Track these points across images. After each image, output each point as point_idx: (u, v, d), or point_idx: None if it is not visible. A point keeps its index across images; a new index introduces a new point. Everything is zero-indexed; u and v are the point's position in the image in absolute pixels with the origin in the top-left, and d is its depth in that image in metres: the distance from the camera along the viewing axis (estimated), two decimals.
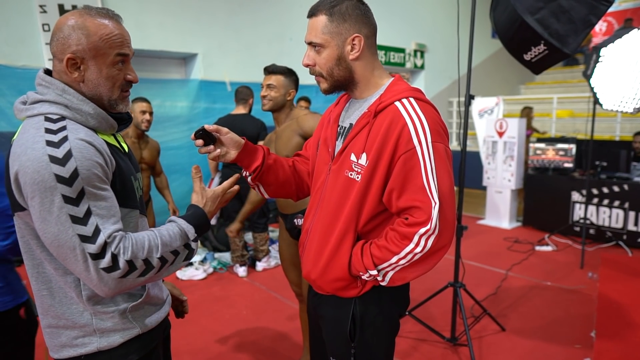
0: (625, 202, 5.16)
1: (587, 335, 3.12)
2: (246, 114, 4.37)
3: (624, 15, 11.03)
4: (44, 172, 0.98)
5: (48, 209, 0.99)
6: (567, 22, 2.34)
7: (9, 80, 4.76)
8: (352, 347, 1.34)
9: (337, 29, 1.27)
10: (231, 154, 1.38)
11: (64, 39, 1.08)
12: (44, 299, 1.13)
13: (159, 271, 1.10)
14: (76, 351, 1.13)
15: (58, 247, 1.00)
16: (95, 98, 1.13)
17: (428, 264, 1.24)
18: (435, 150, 1.20)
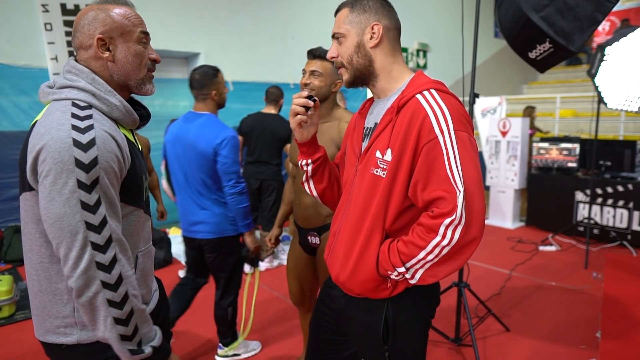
0: (630, 201, 5.13)
1: (593, 336, 3.10)
2: (276, 115, 4.35)
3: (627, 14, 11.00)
4: (65, 153, 0.98)
5: (59, 190, 0.99)
6: (573, 20, 2.32)
7: (11, 80, 4.76)
8: (385, 351, 1.32)
9: (357, 19, 1.31)
10: (309, 132, 1.45)
11: (89, 24, 1.12)
12: (33, 283, 1.14)
13: (114, 320, 1.05)
14: (58, 339, 1.12)
15: (59, 228, 0.99)
16: (123, 79, 1.16)
17: (458, 259, 1.18)
18: (459, 139, 1.17)
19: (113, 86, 1.15)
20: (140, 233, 1.22)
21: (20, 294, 3.68)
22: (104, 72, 1.15)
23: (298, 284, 2.36)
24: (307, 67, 2.03)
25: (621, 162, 5.29)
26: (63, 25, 4.95)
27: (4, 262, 4.47)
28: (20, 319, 3.32)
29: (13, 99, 4.79)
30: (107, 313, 1.02)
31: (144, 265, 1.23)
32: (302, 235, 2.21)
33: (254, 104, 5.86)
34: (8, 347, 2.95)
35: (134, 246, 1.19)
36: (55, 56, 4.93)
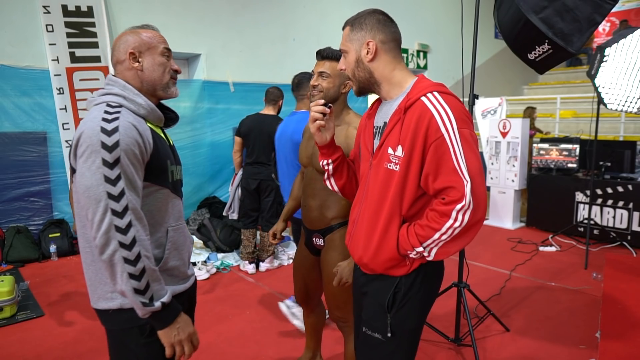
0: (630, 202, 5.13)
1: (592, 336, 3.11)
2: (275, 116, 4.36)
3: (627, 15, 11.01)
4: (94, 138, 1.23)
5: (88, 167, 1.23)
6: (572, 21, 2.32)
7: (12, 81, 4.78)
8: (388, 318, 1.49)
9: (355, 36, 1.50)
10: (328, 135, 1.64)
11: (123, 44, 1.42)
12: (87, 255, 1.35)
13: (129, 275, 1.22)
14: (107, 304, 1.34)
15: (87, 197, 1.22)
16: (151, 85, 1.44)
17: (467, 237, 1.38)
18: (462, 136, 1.34)
19: (143, 92, 1.42)
20: (169, 210, 1.44)
21: (22, 294, 3.70)
22: (135, 80, 1.42)
23: (303, 283, 2.39)
24: (316, 68, 2.01)
25: (621, 162, 5.30)
26: (64, 26, 4.97)
27: (6, 262, 4.48)
28: (21, 319, 3.33)
29: (15, 100, 4.80)
30: (123, 269, 1.22)
31: (175, 239, 1.45)
32: (308, 236, 2.23)
33: (254, 105, 5.88)
34: (9, 348, 2.96)
35: (163, 220, 1.41)
36: (56, 57, 4.95)
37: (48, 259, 4.73)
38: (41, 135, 4.94)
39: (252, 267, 4.41)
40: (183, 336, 1.35)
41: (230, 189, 4.78)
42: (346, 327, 2.24)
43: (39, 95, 4.93)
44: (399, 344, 1.52)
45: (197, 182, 6.11)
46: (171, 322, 1.32)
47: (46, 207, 5.03)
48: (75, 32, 5.04)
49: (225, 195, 6.20)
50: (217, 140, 6.25)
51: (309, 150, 2.16)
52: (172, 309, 1.32)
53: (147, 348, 1.37)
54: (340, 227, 2.10)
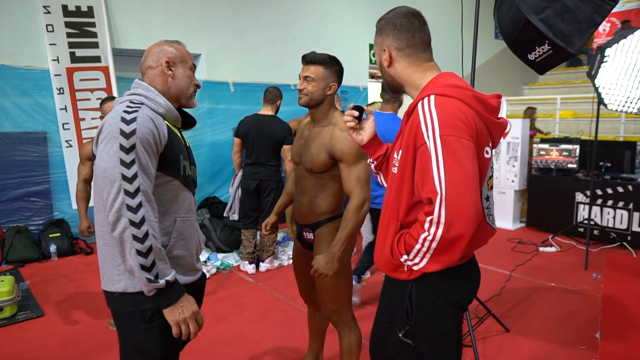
0: (630, 202, 5.13)
1: (592, 337, 3.11)
2: (273, 116, 4.36)
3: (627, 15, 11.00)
4: (114, 126, 1.36)
5: (107, 150, 1.34)
6: (572, 22, 2.32)
7: (12, 81, 4.78)
8: (408, 325, 1.47)
9: (376, 40, 1.55)
10: (363, 136, 1.68)
11: (159, 52, 1.56)
12: (99, 239, 1.46)
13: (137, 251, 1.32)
14: (114, 286, 1.43)
15: (104, 178, 1.33)
16: (177, 94, 1.59)
17: (450, 253, 1.28)
18: (444, 143, 1.26)
19: (168, 97, 1.56)
20: (179, 201, 1.54)
21: (22, 294, 3.70)
22: (164, 85, 1.56)
23: (304, 279, 2.43)
24: (302, 72, 2.11)
25: (621, 163, 5.30)
26: (64, 26, 4.97)
27: (6, 262, 4.48)
28: (21, 319, 3.33)
29: (15, 100, 4.80)
30: (131, 245, 1.31)
31: (183, 230, 1.55)
32: (299, 231, 2.31)
33: (254, 105, 5.88)
34: (10, 348, 2.96)
35: (172, 210, 1.51)
36: (56, 57, 4.95)
37: (48, 259, 4.73)
38: (41, 135, 4.94)
39: (252, 268, 4.41)
40: (187, 314, 1.41)
41: (231, 189, 4.78)
42: (340, 322, 2.25)
43: (39, 95, 4.93)
44: (430, 348, 1.47)
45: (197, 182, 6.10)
46: (175, 301, 1.39)
47: (46, 207, 5.04)
48: (75, 32, 5.04)
49: (225, 195, 6.20)
50: (217, 141, 6.25)
51: (299, 149, 2.24)
52: (176, 288, 1.40)
53: (147, 334, 1.45)
54: (329, 222, 2.19)
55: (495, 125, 1.41)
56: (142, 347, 1.46)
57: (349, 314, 2.25)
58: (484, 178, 1.41)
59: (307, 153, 2.13)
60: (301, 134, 2.29)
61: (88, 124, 5.13)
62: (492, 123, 1.39)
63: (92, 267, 4.55)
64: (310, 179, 2.17)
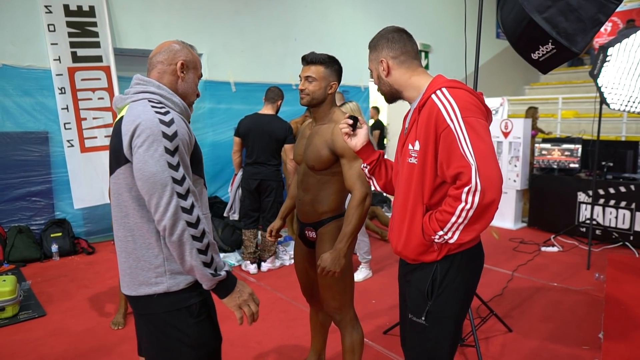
0: (632, 202, 5.12)
1: (595, 337, 3.10)
2: (274, 115, 4.35)
3: (629, 15, 10.97)
4: (155, 128, 1.33)
5: (151, 155, 1.32)
6: (576, 21, 2.32)
7: (14, 80, 4.78)
8: (427, 304, 1.60)
9: (372, 57, 1.72)
10: (357, 143, 1.83)
11: (176, 52, 1.53)
12: (128, 244, 1.44)
13: (198, 250, 1.34)
14: (151, 289, 1.42)
15: (152, 182, 1.31)
16: (183, 96, 1.55)
17: (484, 219, 1.45)
18: (467, 123, 1.44)
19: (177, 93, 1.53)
20: (203, 199, 1.56)
21: (24, 294, 3.69)
22: (172, 85, 1.52)
23: (306, 276, 2.44)
24: (302, 73, 2.15)
25: (623, 162, 5.29)
26: (66, 26, 4.97)
27: (7, 262, 4.48)
28: (23, 319, 3.33)
29: (16, 99, 4.80)
30: (192, 246, 1.33)
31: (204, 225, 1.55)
32: (301, 229, 2.32)
33: (256, 104, 5.86)
34: (11, 348, 2.96)
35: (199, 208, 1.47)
36: (58, 57, 4.95)
37: (50, 259, 4.73)
38: (43, 135, 4.94)
39: (253, 267, 4.40)
40: (246, 297, 1.46)
41: (230, 189, 4.78)
42: (342, 321, 2.24)
43: (40, 95, 4.93)
44: (441, 329, 1.61)
45: None
46: (233, 288, 1.44)
47: (48, 207, 5.03)
48: (77, 32, 5.04)
49: (226, 195, 6.20)
50: (218, 140, 6.25)
51: (301, 148, 2.27)
52: (231, 277, 1.45)
53: (198, 327, 1.47)
54: (331, 221, 2.21)
55: (489, 113, 1.61)
56: (196, 341, 1.47)
57: (351, 313, 2.26)
58: None
59: (309, 150, 2.16)
60: (303, 133, 2.32)
61: (89, 123, 5.12)
62: (488, 111, 1.59)
63: (93, 267, 4.55)
64: (313, 176, 2.18)
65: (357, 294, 3.59)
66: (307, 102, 2.14)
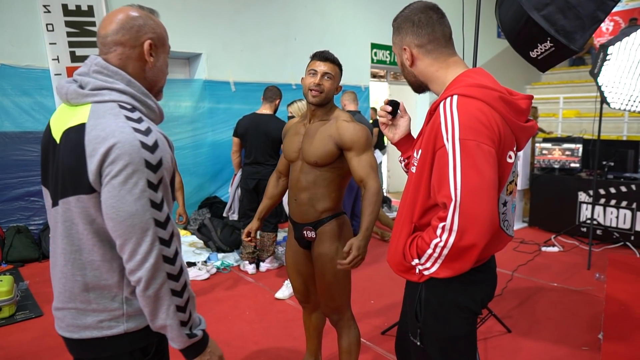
0: (633, 202, 5.09)
1: (595, 337, 3.08)
2: (271, 115, 4.34)
3: (631, 14, 10.94)
4: (135, 155, 1.04)
5: (129, 190, 1.04)
6: (574, 19, 2.29)
7: (13, 80, 4.77)
8: (418, 327, 1.45)
9: (395, 40, 1.48)
10: (396, 134, 1.66)
11: (140, 27, 1.16)
12: (76, 284, 1.17)
13: (176, 307, 1.13)
14: (101, 333, 1.17)
15: (130, 225, 1.05)
16: (151, 85, 1.23)
17: (461, 261, 1.26)
18: (463, 147, 1.21)
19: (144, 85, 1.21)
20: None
21: (21, 294, 3.68)
22: (139, 74, 1.19)
23: (301, 279, 2.38)
24: (319, 68, 2.07)
25: (624, 162, 5.26)
26: (65, 25, 4.96)
27: (5, 262, 4.47)
28: (20, 319, 3.32)
29: (15, 99, 4.79)
30: (170, 302, 1.11)
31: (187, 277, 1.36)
32: (298, 230, 2.25)
33: (255, 104, 5.82)
34: (8, 348, 2.95)
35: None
36: (57, 57, 4.94)
37: (48, 259, 4.70)
38: (41, 134, 4.92)
39: (252, 267, 4.39)
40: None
41: (230, 189, 4.76)
42: (340, 321, 2.23)
43: (39, 95, 4.92)
44: (438, 351, 1.44)
45: (198, 182, 6.10)
46: (204, 349, 1.22)
47: None
48: (75, 32, 5.03)
49: (226, 195, 6.19)
50: (218, 140, 6.23)
51: (295, 145, 2.20)
52: (205, 336, 1.23)
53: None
54: (332, 219, 2.17)
55: (521, 129, 1.34)
56: None
57: (348, 313, 2.25)
58: (503, 183, 1.35)
59: (310, 146, 2.11)
60: (294, 130, 2.25)
61: None
62: (518, 126, 1.33)
63: None
64: (312, 173, 2.13)
65: (356, 294, 3.58)
66: (321, 100, 2.09)
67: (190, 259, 4.59)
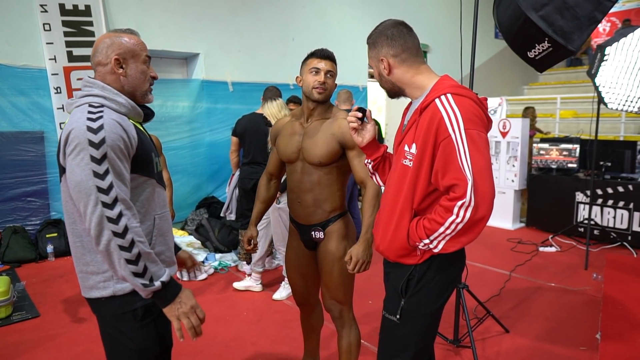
0: (630, 202, 5.11)
1: (592, 337, 3.08)
2: None
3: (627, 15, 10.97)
4: (81, 137, 1.32)
5: (77, 164, 1.31)
6: (572, 19, 2.30)
7: (9, 80, 4.75)
8: (401, 302, 1.62)
9: (372, 54, 1.66)
10: (364, 138, 1.78)
11: (107, 48, 1.47)
12: (77, 249, 1.45)
13: (126, 260, 1.30)
14: (100, 293, 1.42)
15: (79, 191, 1.31)
16: (131, 91, 1.50)
17: (471, 233, 1.45)
18: (468, 136, 1.42)
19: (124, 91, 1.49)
20: (156, 199, 1.54)
21: (18, 295, 3.67)
22: (117, 83, 1.48)
23: (303, 281, 2.37)
24: (321, 66, 2.08)
25: (621, 162, 5.27)
26: (62, 25, 4.95)
27: (2, 263, 4.46)
28: (17, 320, 3.30)
29: (12, 99, 4.78)
30: (119, 256, 1.30)
31: (161, 226, 1.55)
32: (304, 232, 2.22)
33: (253, 104, 5.84)
34: (4, 349, 2.93)
35: (152, 209, 1.51)
36: (54, 56, 4.93)
37: (45, 260, 4.71)
38: (38, 134, 4.92)
39: (249, 268, 4.37)
40: (186, 308, 1.41)
41: (228, 189, 4.75)
42: (341, 320, 2.24)
43: (36, 95, 4.90)
44: (412, 327, 1.63)
45: (195, 182, 6.09)
46: (173, 298, 1.40)
47: (43, 207, 5.01)
48: (72, 31, 5.01)
49: (223, 195, 6.18)
50: (215, 140, 6.22)
51: (294, 145, 2.17)
52: (172, 286, 1.40)
53: (143, 331, 1.47)
54: (339, 218, 2.18)
55: (489, 121, 1.57)
56: (140, 345, 1.47)
57: (351, 313, 2.26)
58: None
59: (313, 146, 2.09)
60: (292, 130, 2.21)
61: None
62: (488, 119, 1.55)
63: None
64: (316, 173, 2.12)
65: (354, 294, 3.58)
66: (326, 97, 2.11)
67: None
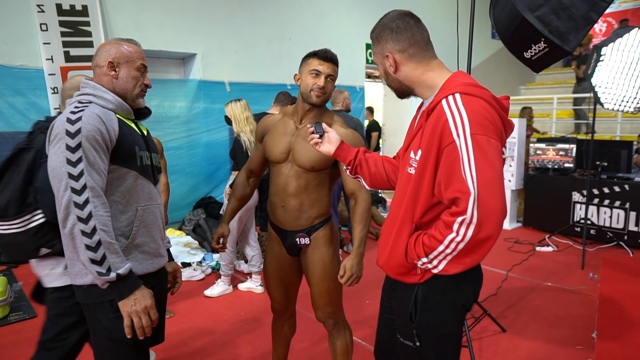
0: (626, 202, 5.13)
1: (589, 336, 3.09)
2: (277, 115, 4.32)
3: (624, 15, 11.01)
4: (60, 127, 1.43)
5: (55, 152, 1.41)
6: (568, 19, 2.31)
7: (6, 80, 4.74)
8: (413, 328, 1.45)
9: (376, 50, 1.50)
10: (332, 146, 1.72)
11: (105, 52, 1.61)
12: (65, 237, 1.46)
13: (85, 246, 1.37)
14: (82, 280, 1.49)
15: (53, 177, 1.41)
16: (122, 93, 1.61)
17: (475, 255, 1.28)
18: (475, 142, 1.24)
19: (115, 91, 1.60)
20: (138, 191, 1.59)
21: (15, 295, 3.66)
22: (109, 85, 1.60)
23: (282, 288, 2.27)
24: (323, 69, 2.01)
25: (618, 162, 5.29)
26: (59, 25, 4.94)
27: None
28: (14, 320, 3.30)
29: (9, 99, 4.76)
30: (81, 241, 1.37)
31: (144, 218, 1.60)
32: (288, 237, 2.14)
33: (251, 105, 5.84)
34: (2, 349, 2.93)
35: (133, 200, 1.57)
36: (51, 57, 4.92)
37: None
38: None
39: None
40: (139, 307, 1.44)
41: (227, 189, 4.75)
42: (335, 325, 2.22)
43: (33, 95, 4.89)
44: (430, 350, 1.45)
45: (193, 182, 6.08)
46: (128, 293, 1.44)
47: None
48: (69, 31, 5.00)
49: (221, 195, 6.17)
50: (213, 140, 6.22)
51: (284, 146, 2.08)
52: (129, 281, 1.44)
53: (117, 322, 1.48)
54: (325, 224, 2.13)
55: (509, 125, 1.38)
56: (113, 335, 1.51)
57: (343, 315, 2.25)
58: None
59: (305, 150, 2.01)
60: (283, 130, 2.12)
61: None
62: (507, 123, 1.37)
63: None
64: (304, 178, 2.04)
65: (352, 295, 3.59)
66: (324, 100, 2.04)
67: (185, 260, 4.58)
